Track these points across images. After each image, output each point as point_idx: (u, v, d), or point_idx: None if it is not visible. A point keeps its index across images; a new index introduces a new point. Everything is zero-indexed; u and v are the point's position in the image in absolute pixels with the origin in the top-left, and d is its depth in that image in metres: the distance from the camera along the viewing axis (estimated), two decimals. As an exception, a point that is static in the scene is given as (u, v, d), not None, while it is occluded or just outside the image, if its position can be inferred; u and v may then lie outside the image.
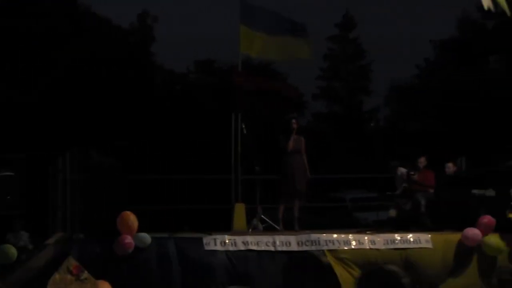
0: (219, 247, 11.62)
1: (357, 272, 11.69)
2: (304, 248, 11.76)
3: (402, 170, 14.72)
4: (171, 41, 59.22)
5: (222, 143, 15.98)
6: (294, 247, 11.77)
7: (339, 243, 11.85)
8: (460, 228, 12.35)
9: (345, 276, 11.62)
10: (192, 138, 30.70)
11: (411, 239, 12.15)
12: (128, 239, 11.24)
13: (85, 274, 10.47)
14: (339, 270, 11.63)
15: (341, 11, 49.98)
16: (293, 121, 13.66)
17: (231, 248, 11.64)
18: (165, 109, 33.93)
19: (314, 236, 11.93)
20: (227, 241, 11.69)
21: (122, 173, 12.07)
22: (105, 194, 11.66)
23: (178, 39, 61.82)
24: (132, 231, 11.38)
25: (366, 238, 12.05)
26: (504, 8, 7.24)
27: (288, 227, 13.33)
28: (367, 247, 11.91)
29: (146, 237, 11.41)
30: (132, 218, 11.45)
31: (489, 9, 7.32)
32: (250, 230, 13.01)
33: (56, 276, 10.36)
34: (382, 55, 66.52)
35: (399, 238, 12.14)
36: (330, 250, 11.78)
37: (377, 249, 11.92)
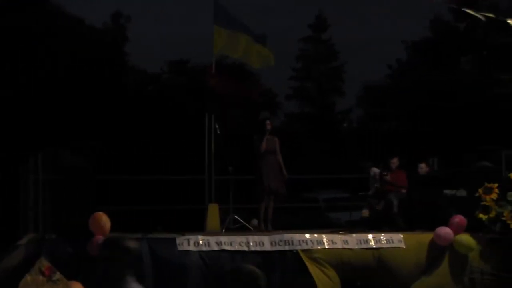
0: (192, 248, 11.60)
1: (331, 272, 11.74)
2: (278, 248, 11.78)
3: (375, 170, 14.81)
4: (145, 41, 59.13)
5: (196, 144, 15.95)
6: (267, 247, 11.78)
7: (312, 243, 11.89)
8: (432, 228, 12.45)
9: (321, 276, 11.67)
10: (166, 138, 30.62)
11: (384, 239, 12.22)
12: (102, 241, 11.17)
13: (57, 275, 10.40)
14: (313, 270, 11.67)
15: (314, 12, 50.14)
16: (267, 122, 13.71)
17: (204, 249, 11.62)
18: (138, 109, 33.81)
19: (288, 236, 11.95)
20: (200, 241, 11.67)
21: (93, 174, 12.00)
22: (77, 195, 11.59)
23: (152, 39, 61.75)
24: (104, 231, 11.33)
25: (339, 238, 12.10)
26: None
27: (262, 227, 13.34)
28: (340, 247, 11.96)
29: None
30: (104, 219, 11.39)
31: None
32: (223, 230, 13.01)
33: (28, 277, 10.29)
34: (355, 56, 66.87)
35: (372, 238, 12.21)
36: (303, 250, 11.81)
37: (350, 249, 11.98)
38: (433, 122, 34.02)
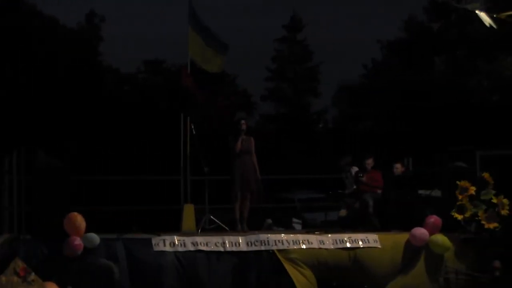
0: (168, 248, 11.58)
1: (308, 272, 11.77)
2: (254, 248, 11.79)
3: (355, 169, 14.81)
4: (120, 41, 58.88)
5: (171, 144, 15.91)
6: (243, 248, 11.79)
7: (288, 243, 11.90)
8: (407, 228, 12.51)
9: (298, 276, 11.70)
10: (142, 138, 30.55)
11: (360, 239, 12.26)
12: (78, 241, 11.13)
13: (32, 276, 10.35)
14: (290, 270, 11.70)
15: (289, 12, 50.11)
16: (242, 121, 13.64)
17: (180, 249, 11.61)
18: (114, 109, 33.70)
19: (263, 236, 11.97)
20: (176, 242, 11.66)
21: (69, 174, 11.92)
22: (51, 195, 11.52)
23: (127, 39, 61.50)
24: (79, 232, 11.28)
25: (315, 238, 12.12)
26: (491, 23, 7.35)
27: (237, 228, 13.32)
28: (316, 247, 11.99)
29: (95, 237, 11.31)
30: (79, 219, 11.35)
31: (490, 25, 7.42)
32: (199, 230, 12.98)
33: (3, 278, 10.22)
34: (330, 57, 67.06)
35: (347, 238, 12.24)
36: (279, 250, 11.83)
37: (326, 249, 12.01)
38: (408, 122, 34.16)
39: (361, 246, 12.18)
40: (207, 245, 11.73)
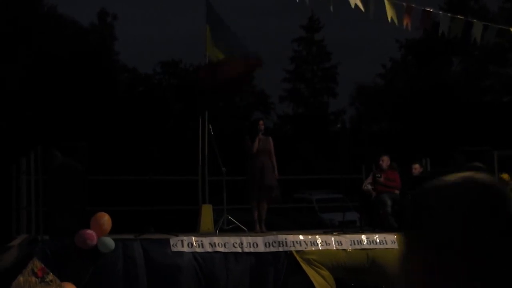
0: (186, 249, 11.58)
1: (326, 273, 11.75)
2: (272, 249, 11.78)
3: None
4: (136, 42, 59.04)
5: (189, 144, 15.91)
6: (261, 248, 11.78)
7: (306, 244, 11.89)
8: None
9: (316, 277, 11.68)
10: (160, 139, 30.61)
11: (377, 240, 12.24)
12: (90, 231, 11.07)
13: (50, 276, 10.37)
14: (309, 270, 11.68)
15: (307, 13, 49.97)
16: (260, 122, 13.61)
17: (198, 250, 11.61)
18: (131, 109, 33.79)
19: (281, 237, 11.95)
20: (194, 242, 11.66)
21: (85, 174, 11.92)
22: (68, 195, 11.52)
23: (143, 39, 61.66)
24: (103, 232, 11.24)
25: (333, 238, 12.10)
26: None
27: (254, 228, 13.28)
28: (334, 248, 11.97)
29: (110, 241, 11.23)
30: (104, 219, 11.30)
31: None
32: (217, 231, 12.97)
33: (20, 278, 10.25)
34: (348, 57, 66.94)
35: (365, 238, 12.22)
36: (297, 251, 11.81)
37: (344, 250, 12.00)
38: (426, 122, 34.07)
39: (379, 246, 12.16)
40: (225, 245, 11.73)
